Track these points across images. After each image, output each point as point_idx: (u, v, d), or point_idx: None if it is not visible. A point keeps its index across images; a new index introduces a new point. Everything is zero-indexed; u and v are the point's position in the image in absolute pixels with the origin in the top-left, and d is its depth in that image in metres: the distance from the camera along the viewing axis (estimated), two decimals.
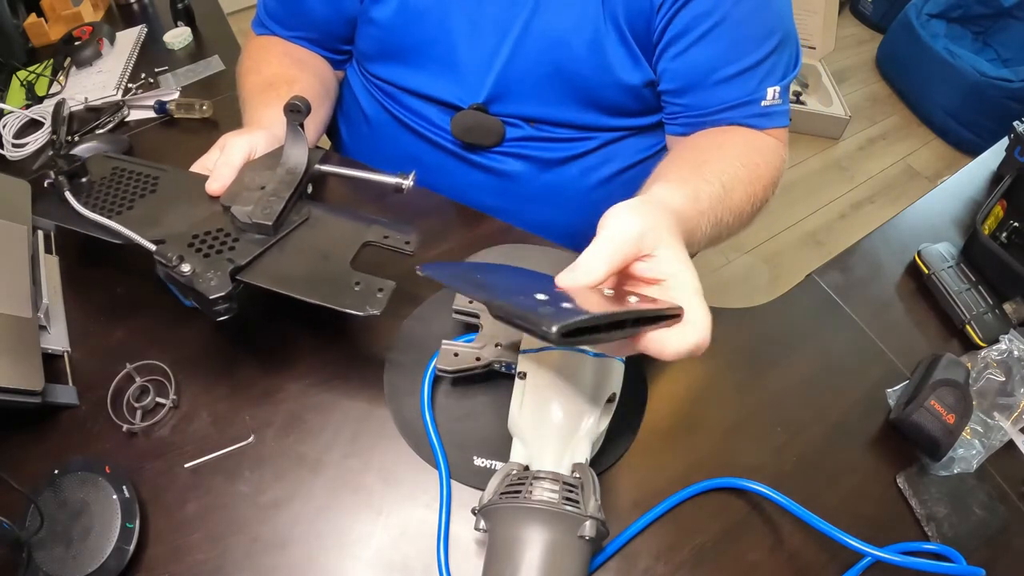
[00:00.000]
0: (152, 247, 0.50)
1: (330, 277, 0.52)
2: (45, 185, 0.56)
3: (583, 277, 0.38)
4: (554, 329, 0.31)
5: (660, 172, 0.61)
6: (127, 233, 0.51)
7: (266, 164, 0.57)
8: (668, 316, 0.38)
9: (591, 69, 0.68)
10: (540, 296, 0.36)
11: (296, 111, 0.54)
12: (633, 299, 0.38)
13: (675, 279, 0.40)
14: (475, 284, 0.43)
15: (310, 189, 0.59)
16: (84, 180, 0.58)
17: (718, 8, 0.63)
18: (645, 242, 0.40)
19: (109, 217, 0.53)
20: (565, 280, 0.39)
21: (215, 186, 0.55)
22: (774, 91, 0.67)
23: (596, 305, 0.36)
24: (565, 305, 0.35)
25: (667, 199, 0.50)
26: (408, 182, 0.58)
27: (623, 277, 0.42)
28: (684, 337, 0.38)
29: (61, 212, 0.55)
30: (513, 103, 0.72)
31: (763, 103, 0.67)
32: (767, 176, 0.65)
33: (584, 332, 0.33)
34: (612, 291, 0.39)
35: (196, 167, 0.59)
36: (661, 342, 0.38)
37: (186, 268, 0.49)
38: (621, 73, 0.68)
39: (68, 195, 0.54)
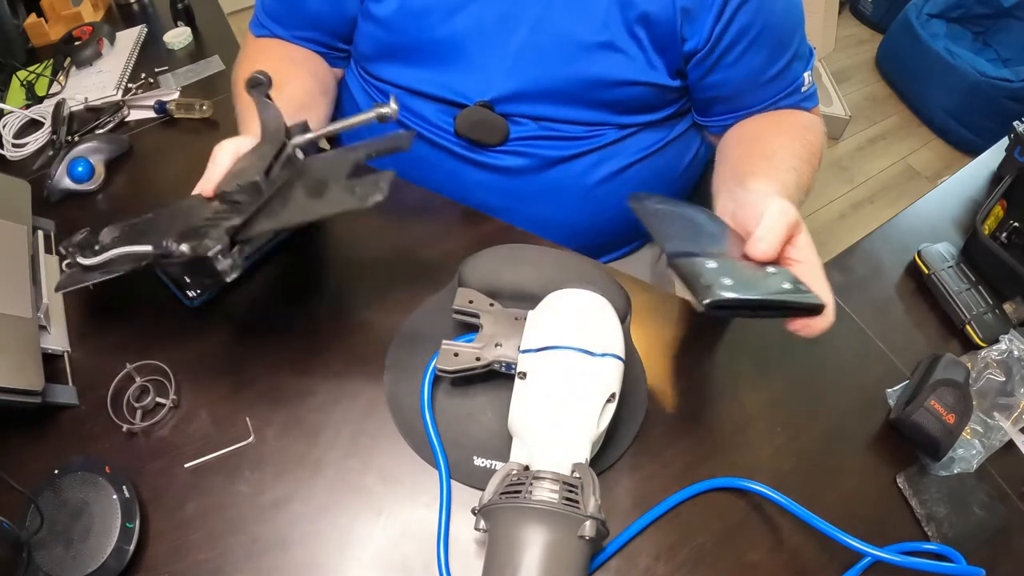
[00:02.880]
0: (150, 248, 0.50)
1: (328, 195, 0.51)
2: (63, 267, 0.57)
3: (765, 247, 0.47)
4: (705, 301, 0.41)
5: (740, 167, 0.66)
6: (140, 250, 0.51)
7: (252, 153, 0.57)
8: (813, 309, 0.46)
9: (602, 68, 0.68)
10: (710, 264, 0.44)
11: (257, 85, 0.53)
12: (787, 284, 0.45)
13: (809, 264, 0.48)
14: (666, 229, 0.52)
15: (300, 155, 0.58)
16: (96, 247, 0.57)
17: (759, 17, 0.66)
18: (797, 228, 0.48)
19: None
20: (752, 248, 0.47)
21: (206, 186, 0.55)
22: (809, 76, 0.73)
23: (754, 284, 0.44)
24: (725, 280, 0.43)
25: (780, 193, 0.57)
26: (390, 107, 0.57)
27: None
28: (821, 321, 0.46)
29: (84, 276, 0.55)
30: (520, 101, 0.71)
31: (803, 88, 0.74)
32: (819, 151, 0.72)
33: (732, 308, 0.42)
34: (775, 268, 0.47)
35: (196, 190, 0.59)
36: (809, 327, 0.47)
37: (185, 247, 0.48)
38: (632, 73, 0.68)
39: (81, 259, 0.54)
